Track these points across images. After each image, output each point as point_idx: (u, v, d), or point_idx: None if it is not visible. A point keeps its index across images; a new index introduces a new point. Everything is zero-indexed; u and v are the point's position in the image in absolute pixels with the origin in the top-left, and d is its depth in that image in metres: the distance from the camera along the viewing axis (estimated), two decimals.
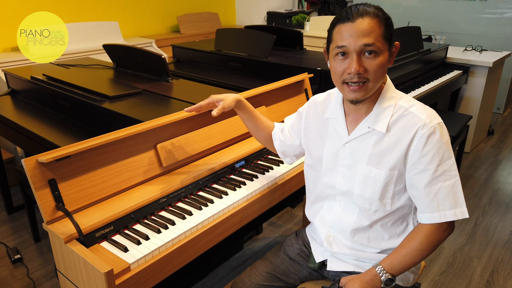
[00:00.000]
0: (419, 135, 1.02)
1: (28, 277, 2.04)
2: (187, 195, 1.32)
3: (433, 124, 1.02)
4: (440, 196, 1.03)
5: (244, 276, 1.29)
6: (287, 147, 1.35)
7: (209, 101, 1.29)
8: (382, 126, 1.06)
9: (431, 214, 1.04)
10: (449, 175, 1.03)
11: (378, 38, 0.98)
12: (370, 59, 0.99)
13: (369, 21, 0.98)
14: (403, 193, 1.10)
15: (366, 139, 1.09)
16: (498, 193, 2.85)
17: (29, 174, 1.06)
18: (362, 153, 1.10)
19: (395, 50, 1.06)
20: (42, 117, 1.89)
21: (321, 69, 2.29)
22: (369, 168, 1.09)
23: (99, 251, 1.06)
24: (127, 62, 2.25)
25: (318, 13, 5.82)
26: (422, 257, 1.07)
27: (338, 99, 1.17)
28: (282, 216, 2.57)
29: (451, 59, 3.42)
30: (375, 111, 1.08)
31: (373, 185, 1.09)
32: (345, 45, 0.99)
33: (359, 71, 0.99)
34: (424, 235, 1.06)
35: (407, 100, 1.08)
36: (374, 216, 1.12)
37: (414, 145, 1.03)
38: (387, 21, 1.01)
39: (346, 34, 0.99)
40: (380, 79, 1.02)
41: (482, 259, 2.19)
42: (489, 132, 3.88)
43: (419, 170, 1.03)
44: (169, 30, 4.66)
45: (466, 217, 1.03)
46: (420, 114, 1.03)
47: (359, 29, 0.97)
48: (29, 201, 2.20)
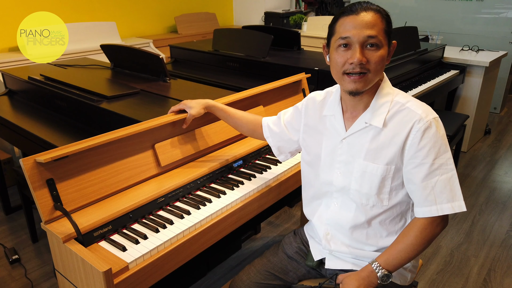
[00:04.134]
0: (415, 130, 1.03)
1: (26, 277, 2.04)
2: (185, 194, 1.32)
3: (429, 119, 1.03)
4: (437, 189, 1.04)
5: (243, 274, 1.30)
6: (283, 143, 1.35)
7: (179, 107, 1.41)
8: (378, 121, 1.07)
9: (428, 207, 1.05)
10: (445, 169, 1.04)
11: (380, 31, 1.01)
12: (372, 51, 1.02)
13: (372, 15, 1.01)
14: (400, 189, 1.10)
15: (363, 134, 1.11)
16: (495, 192, 2.86)
17: (27, 174, 1.06)
18: (359, 149, 1.11)
19: (393, 48, 1.09)
20: (40, 118, 1.89)
21: (319, 69, 2.29)
22: (366, 163, 1.10)
23: (98, 250, 1.06)
24: (125, 62, 2.25)
25: (315, 13, 5.82)
26: (417, 252, 1.08)
27: (336, 96, 1.18)
28: (280, 216, 2.57)
29: (448, 59, 3.43)
30: (372, 107, 1.09)
31: (370, 180, 1.10)
32: (349, 36, 1.02)
33: (361, 61, 1.01)
34: (418, 230, 1.07)
35: (403, 96, 1.10)
36: (371, 211, 1.12)
37: (411, 140, 1.04)
38: (388, 18, 1.05)
39: (350, 26, 1.02)
40: (379, 72, 1.05)
41: (479, 257, 2.20)
42: (486, 132, 3.89)
43: (415, 164, 1.04)
44: (167, 30, 4.66)
45: (464, 210, 1.04)
46: (416, 109, 1.05)
47: (363, 21, 1.01)
48: (27, 201, 2.19)
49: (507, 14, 4.05)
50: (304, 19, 4.65)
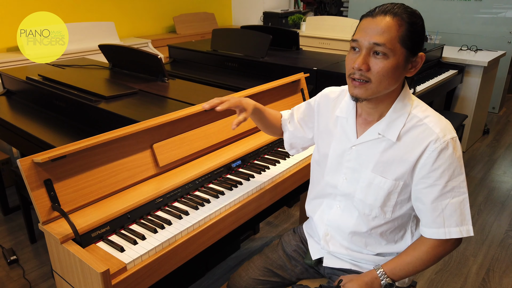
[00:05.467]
0: (431, 149, 0.98)
1: (24, 278, 2.03)
2: (184, 194, 1.32)
3: (446, 139, 0.98)
4: (446, 212, 1.00)
5: (242, 270, 1.30)
6: (296, 139, 1.32)
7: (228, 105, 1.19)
8: (393, 134, 1.03)
9: (436, 229, 1.02)
10: (458, 192, 1.00)
11: (391, 39, 0.93)
12: (378, 59, 0.95)
13: (388, 20, 0.93)
14: (405, 203, 1.07)
15: (374, 145, 1.06)
16: (493, 192, 2.87)
17: (25, 174, 1.06)
18: (369, 159, 1.07)
19: (420, 61, 1.00)
20: (38, 118, 1.88)
21: (318, 69, 2.29)
22: (374, 175, 1.06)
23: (95, 251, 1.06)
24: (123, 62, 2.24)
25: (314, 13, 5.82)
26: (425, 267, 1.06)
27: (351, 97, 1.13)
28: (278, 216, 2.57)
29: (447, 58, 3.43)
30: (388, 118, 1.04)
31: (376, 192, 1.06)
32: (358, 40, 0.97)
33: (360, 67, 0.95)
34: (431, 246, 1.04)
35: (422, 110, 1.04)
36: (372, 222, 1.10)
37: (424, 159, 0.99)
38: (412, 26, 0.95)
39: (362, 29, 0.96)
40: (385, 83, 0.97)
41: (478, 257, 2.20)
42: (485, 131, 3.90)
43: (427, 185, 1.00)
44: (165, 30, 4.65)
45: (471, 235, 1.01)
46: (434, 127, 0.99)
47: (375, 27, 0.94)
48: (25, 202, 2.19)
49: (506, 14, 4.06)
50: (303, 19, 4.65)
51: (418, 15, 0.98)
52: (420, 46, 0.98)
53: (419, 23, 0.97)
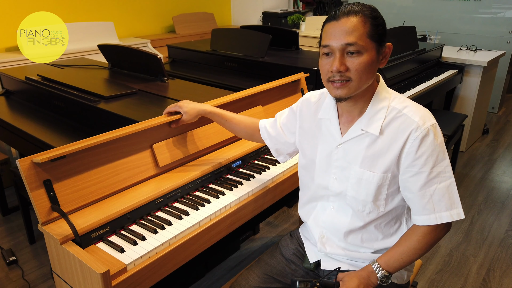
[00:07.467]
0: (413, 138, 1.01)
1: (23, 279, 2.02)
2: (184, 195, 1.31)
3: (426, 126, 1.01)
4: (435, 197, 1.03)
5: (241, 279, 1.28)
6: (280, 145, 1.33)
7: (175, 109, 1.37)
8: (375, 129, 1.06)
9: (426, 216, 1.04)
10: (444, 177, 1.02)
11: (361, 37, 0.98)
12: (353, 58, 0.99)
13: (353, 20, 0.98)
14: (396, 194, 1.10)
15: (359, 141, 1.09)
16: (493, 192, 2.87)
17: (24, 174, 1.05)
18: (355, 155, 1.09)
19: (388, 51, 1.05)
20: (37, 118, 1.87)
21: (317, 68, 2.29)
22: (362, 170, 1.08)
23: (95, 252, 1.05)
24: (123, 62, 2.24)
25: (313, 13, 5.82)
26: (419, 255, 1.08)
27: (331, 99, 1.16)
28: (278, 216, 2.57)
29: (446, 58, 3.43)
30: (368, 113, 1.07)
31: (366, 187, 1.08)
32: (329, 44, 1.00)
33: (340, 69, 0.99)
34: (422, 234, 1.06)
35: (400, 101, 1.07)
36: (367, 217, 1.12)
37: (408, 148, 1.02)
38: (375, 20, 1.00)
39: (330, 34, 1.00)
40: (364, 78, 1.01)
41: (478, 257, 2.20)
42: (484, 131, 3.90)
43: (413, 173, 1.03)
44: (165, 30, 4.64)
45: (462, 218, 1.03)
46: (413, 116, 1.03)
47: (342, 28, 0.98)
48: (24, 202, 2.18)
49: (505, 14, 4.06)
50: (302, 19, 4.65)
51: (376, 10, 1.03)
52: (385, 36, 1.03)
53: (379, 16, 1.02)
